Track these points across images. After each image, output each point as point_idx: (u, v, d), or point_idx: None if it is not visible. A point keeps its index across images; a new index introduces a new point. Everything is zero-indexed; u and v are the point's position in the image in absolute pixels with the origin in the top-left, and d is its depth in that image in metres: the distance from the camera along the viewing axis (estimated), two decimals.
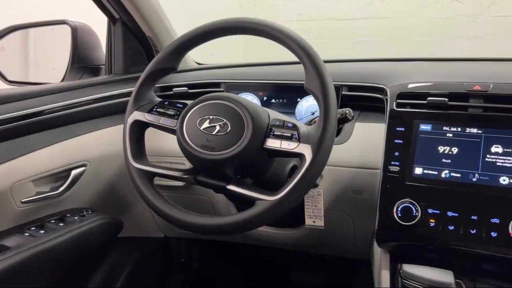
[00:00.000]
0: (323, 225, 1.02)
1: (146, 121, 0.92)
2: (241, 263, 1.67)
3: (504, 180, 0.90)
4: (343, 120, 0.98)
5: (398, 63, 1.26)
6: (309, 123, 1.02)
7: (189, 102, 0.90)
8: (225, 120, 0.83)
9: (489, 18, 3.07)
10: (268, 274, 1.65)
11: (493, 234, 0.87)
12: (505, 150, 0.91)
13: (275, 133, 0.84)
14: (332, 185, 1.10)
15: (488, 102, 0.96)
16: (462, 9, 3.14)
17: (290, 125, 0.84)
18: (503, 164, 0.91)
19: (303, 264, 1.60)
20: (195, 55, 1.52)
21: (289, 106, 1.22)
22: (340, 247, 1.31)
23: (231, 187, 0.84)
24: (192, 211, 0.86)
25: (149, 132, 0.95)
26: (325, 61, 1.31)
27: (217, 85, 1.28)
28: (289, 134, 0.83)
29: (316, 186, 0.99)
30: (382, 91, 1.09)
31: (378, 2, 3.28)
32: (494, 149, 0.92)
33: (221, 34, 0.91)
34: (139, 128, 0.94)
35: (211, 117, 0.85)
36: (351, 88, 1.16)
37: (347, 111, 0.98)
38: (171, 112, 0.91)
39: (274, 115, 0.89)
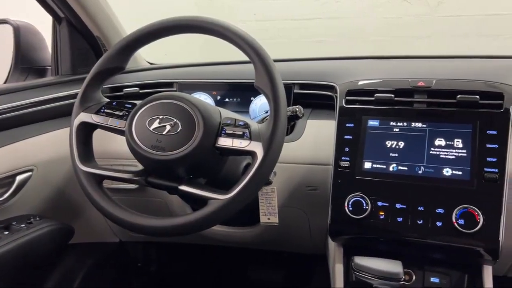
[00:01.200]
0: (277, 221, 1.03)
1: (94, 122, 0.90)
2: (200, 264, 1.66)
3: (447, 172, 0.94)
4: (293, 117, 1.00)
5: (348, 61, 1.29)
6: (262, 121, 1.02)
7: (138, 102, 0.88)
8: (175, 120, 0.82)
9: (436, 18, 3.20)
10: (227, 273, 1.64)
11: (439, 224, 0.91)
12: (447, 143, 0.95)
13: (226, 131, 0.84)
14: (286, 182, 1.11)
15: (431, 97, 1.00)
16: (411, 9, 3.25)
17: (241, 123, 0.84)
18: (446, 157, 0.95)
19: (261, 262, 1.61)
20: (147, 55, 1.50)
21: (243, 105, 1.22)
22: (296, 243, 1.33)
23: (183, 188, 0.83)
24: (147, 213, 0.84)
25: (100, 134, 0.92)
26: (278, 60, 1.32)
27: (170, 84, 1.26)
28: (240, 132, 0.83)
29: (269, 183, 1.00)
30: (332, 88, 1.11)
31: (333, 3, 3.34)
32: (437, 142, 0.96)
33: (170, 33, 0.90)
34: (86, 130, 0.91)
35: (161, 117, 0.83)
36: (303, 86, 1.18)
37: (297, 109, 0.99)
38: (119, 112, 0.89)
39: (226, 113, 0.89)
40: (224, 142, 0.83)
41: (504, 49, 3.08)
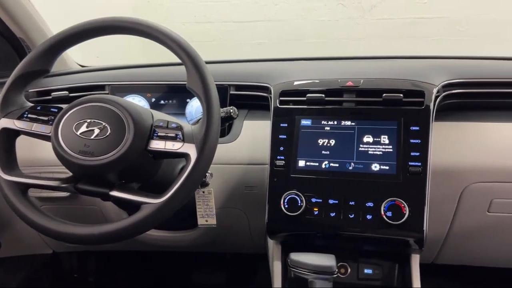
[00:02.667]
0: (215, 223, 1.03)
1: (16, 128, 0.85)
2: (140, 271, 1.62)
3: (375, 167, 0.98)
4: (227, 118, 1.00)
5: (283, 62, 1.32)
6: (197, 122, 1.02)
7: (65, 106, 0.85)
8: (104, 123, 0.80)
9: (370, 21, 3.33)
10: (169, 279, 1.62)
11: (369, 217, 0.95)
12: (375, 139, 1.00)
13: (159, 134, 0.83)
14: (224, 183, 1.12)
15: (359, 96, 1.04)
16: (346, 12, 3.37)
17: (174, 125, 0.83)
18: (374, 153, 0.99)
19: (203, 264, 1.60)
20: (78, 57, 1.44)
21: (180, 107, 1.21)
22: (237, 244, 1.33)
23: (115, 193, 0.81)
24: (82, 222, 0.81)
25: (27, 141, 0.88)
26: (214, 62, 1.33)
27: (101, 87, 1.22)
28: (173, 135, 0.82)
29: (206, 185, 0.99)
30: (267, 89, 1.13)
31: (272, 6, 3.39)
32: (365, 139, 1.01)
33: (98, 34, 0.87)
34: (8, 137, 0.86)
35: (88, 120, 0.81)
36: (238, 87, 1.19)
37: (231, 110, 1.00)
38: (44, 117, 0.85)
39: (158, 115, 0.88)
40: (157, 145, 0.82)
41: (431, 50, 3.28)
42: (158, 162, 0.90)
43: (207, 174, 0.98)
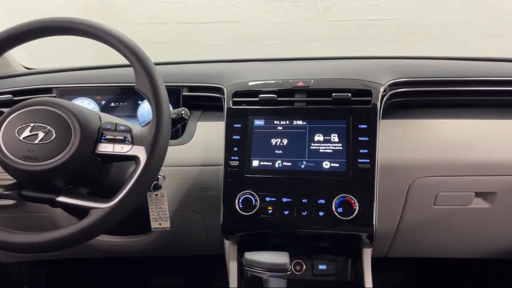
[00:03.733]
0: (169, 226, 1.02)
1: None
2: (95, 278, 1.58)
3: (326, 165, 1.01)
4: (179, 119, 0.99)
5: (236, 63, 1.33)
6: (147, 124, 1.00)
7: (6, 110, 0.81)
8: (48, 127, 0.78)
9: (325, 23, 3.40)
10: (126, 285, 1.58)
11: (321, 214, 0.97)
12: (325, 138, 1.02)
13: (107, 137, 0.81)
14: (178, 186, 1.11)
15: (310, 96, 1.06)
16: (301, 14, 3.43)
17: (122, 127, 0.82)
18: (325, 151, 1.01)
19: (161, 268, 1.58)
20: (24, 59, 1.38)
21: (131, 109, 1.19)
22: (194, 246, 1.32)
23: (61, 199, 0.79)
24: (30, 230, 0.78)
25: None
26: (166, 63, 1.32)
27: (48, 90, 1.18)
28: (121, 137, 0.81)
29: (159, 187, 0.98)
30: (220, 90, 1.13)
31: (228, 7, 3.39)
32: (317, 138, 1.03)
33: (39, 35, 0.84)
34: None
35: (32, 124, 0.78)
36: (191, 88, 1.18)
37: (182, 111, 0.99)
38: None
39: (106, 118, 0.86)
40: (104, 148, 0.80)
41: (385, 50, 3.39)
42: (107, 166, 0.88)
43: (159, 176, 0.97)
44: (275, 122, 1.05)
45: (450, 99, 1.14)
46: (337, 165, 1.00)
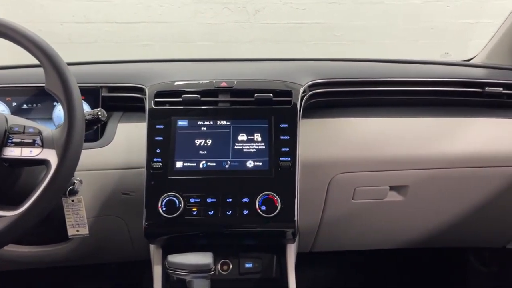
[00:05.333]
0: (87, 232, 0.97)
1: None
2: None
3: (250, 164, 1.02)
4: (95, 121, 0.95)
5: (159, 63, 1.30)
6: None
7: None
8: None
9: (254, 25, 3.45)
10: None
11: (245, 212, 0.98)
12: (249, 137, 1.04)
13: (14, 140, 0.76)
14: (98, 190, 1.07)
15: (233, 97, 1.07)
16: (232, 16, 3.44)
17: (31, 130, 0.78)
18: (248, 150, 1.03)
19: (86, 278, 1.51)
20: None
21: (46, 111, 1.12)
22: (119, 252, 1.28)
23: None
24: None
25: None
26: (85, 63, 1.26)
27: None
28: (30, 140, 0.76)
29: (75, 192, 0.94)
30: (141, 90, 1.10)
31: (157, 7, 3.33)
32: (240, 137, 1.04)
33: None
34: None
35: None
36: (112, 89, 1.14)
37: (99, 112, 0.95)
38: None
39: (13, 120, 0.81)
40: (11, 152, 0.75)
41: (312, 53, 3.50)
42: (16, 171, 0.83)
43: (75, 181, 0.92)
44: (199, 122, 1.05)
45: (367, 98, 1.20)
46: (260, 163, 1.02)
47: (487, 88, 1.18)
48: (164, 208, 0.97)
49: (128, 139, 1.09)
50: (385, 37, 3.45)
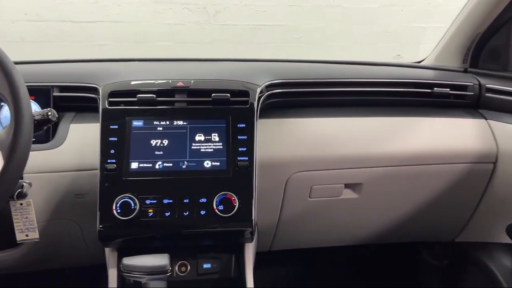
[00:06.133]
0: (37, 237, 0.94)
1: None
2: None
3: (207, 164, 1.02)
4: (45, 121, 0.91)
5: (113, 63, 1.28)
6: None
7: None
8: None
9: (215, 26, 3.44)
10: None
11: (202, 212, 0.98)
12: (206, 137, 1.03)
13: None
14: (50, 193, 1.03)
15: (190, 97, 1.07)
16: (192, 16, 3.42)
17: None
18: (206, 150, 1.02)
19: (40, 284, 1.45)
20: None
21: None
22: (74, 257, 1.24)
23: None
24: None
25: None
26: (35, 62, 1.22)
27: None
28: None
29: (24, 196, 0.90)
30: (95, 90, 1.08)
31: (114, 6, 3.25)
32: (197, 137, 1.03)
33: None
34: None
35: None
36: (64, 88, 1.11)
37: (49, 112, 0.91)
38: None
39: None
40: None
41: (273, 55, 3.53)
42: None
43: (24, 184, 0.89)
44: (155, 122, 1.04)
45: (323, 99, 1.22)
46: (218, 163, 1.02)
47: (435, 88, 1.23)
48: (118, 210, 0.95)
49: (81, 140, 1.06)
50: (342, 39, 3.54)
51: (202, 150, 1.03)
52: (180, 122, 1.04)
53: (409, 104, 1.26)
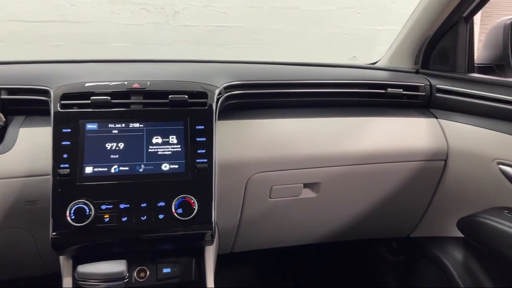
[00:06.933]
0: None
1: None
2: None
3: (165, 167, 1.00)
4: None
5: (66, 64, 1.24)
6: None
7: None
8: None
9: (174, 27, 3.41)
10: None
11: (161, 216, 0.96)
12: (163, 140, 1.02)
13: None
14: None
15: (146, 98, 1.05)
16: (150, 17, 3.37)
17: None
18: (164, 153, 1.01)
19: None
20: None
21: None
22: (27, 267, 1.19)
23: None
24: None
25: None
26: None
27: None
28: None
29: None
30: (46, 93, 1.04)
31: (68, 6, 3.17)
32: (155, 140, 1.01)
33: None
34: None
35: None
36: (12, 91, 1.06)
37: None
38: None
39: None
40: None
41: (233, 56, 3.54)
42: None
43: None
44: (110, 125, 1.01)
45: (281, 100, 1.23)
46: (176, 166, 1.00)
47: (389, 89, 1.27)
48: (73, 217, 0.92)
49: (32, 144, 1.02)
50: (301, 41, 3.59)
51: (159, 153, 1.01)
52: (136, 125, 1.02)
53: (364, 105, 1.29)
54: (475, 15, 1.32)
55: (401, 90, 1.29)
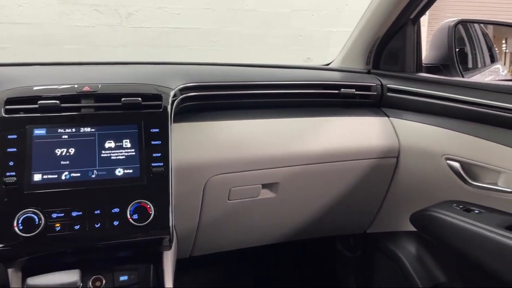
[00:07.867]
0: None
1: None
2: None
3: (119, 172, 0.97)
4: None
5: (12, 67, 1.18)
6: None
7: None
8: None
9: (128, 29, 3.34)
10: None
11: (115, 223, 0.93)
12: (117, 144, 0.99)
13: None
14: None
15: (98, 102, 1.01)
16: (103, 19, 3.29)
17: None
18: (117, 157, 0.98)
19: None
20: None
21: None
22: None
23: None
24: None
25: None
26: None
27: None
28: None
29: None
30: None
31: (15, 7, 3.04)
32: (107, 144, 0.98)
33: None
34: None
35: None
36: None
37: None
38: None
39: None
40: None
41: (189, 58, 3.51)
42: None
43: None
44: (59, 130, 0.97)
45: (237, 101, 1.24)
46: (131, 171, 0.98)
47: (342, 89, 1.31)
48: (21, 227, 0.87)
49: None
50: (258, 43, 3.61)
51: (113, 157, 0.98)
52: (88, 129, 0.99)
53: (319, 105, 1.32)
54: (422, 16, 1.37)
55: (354, 90, 1.32)
